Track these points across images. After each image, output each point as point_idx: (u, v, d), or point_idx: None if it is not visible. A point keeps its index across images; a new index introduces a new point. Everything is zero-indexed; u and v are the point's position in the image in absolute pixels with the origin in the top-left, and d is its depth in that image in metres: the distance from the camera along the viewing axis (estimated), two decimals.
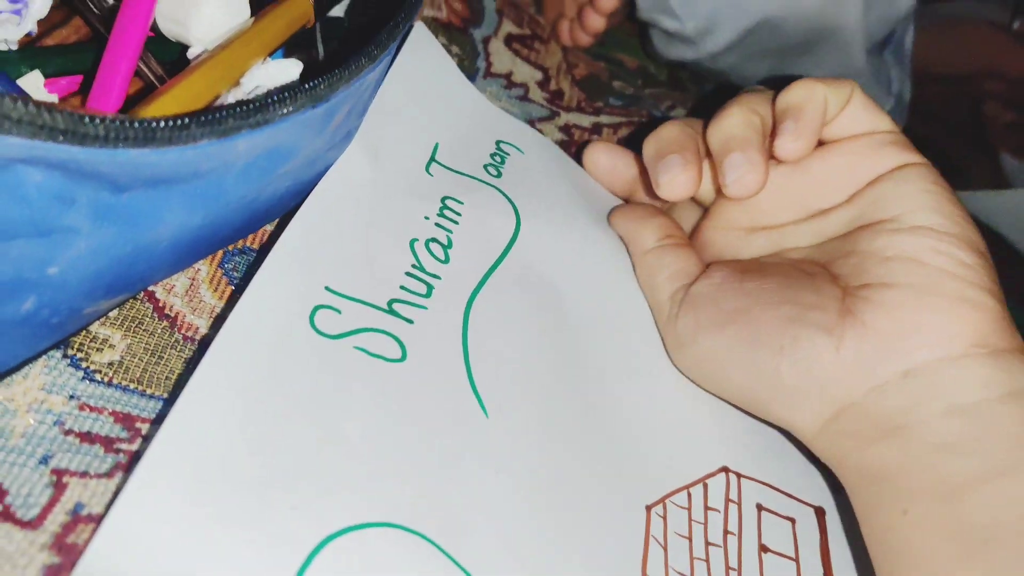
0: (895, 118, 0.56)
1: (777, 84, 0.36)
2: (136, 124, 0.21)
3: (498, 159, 0.40)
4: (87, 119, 0.20)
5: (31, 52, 0.29)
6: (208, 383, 0.25)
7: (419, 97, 0.38)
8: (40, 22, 0.31)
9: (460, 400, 0.30)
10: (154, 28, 0.31)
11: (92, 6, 0.31)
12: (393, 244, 0.33)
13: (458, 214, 0.36)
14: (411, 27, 0.40)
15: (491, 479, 0.29)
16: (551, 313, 0.35)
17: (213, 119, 0.23)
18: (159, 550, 0.22)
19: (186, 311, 0.31)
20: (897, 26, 0.50)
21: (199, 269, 0.32)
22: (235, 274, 0.33)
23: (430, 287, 0.33)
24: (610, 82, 0.56)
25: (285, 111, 0.25)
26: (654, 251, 0.37)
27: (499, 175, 0.39)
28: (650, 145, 0.36)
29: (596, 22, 0.52)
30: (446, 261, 0.34)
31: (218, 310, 0.31)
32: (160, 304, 0.30)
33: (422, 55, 0.40)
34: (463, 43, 0.50)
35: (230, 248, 0.33)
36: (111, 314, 0.29)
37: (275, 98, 0.25)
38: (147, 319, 0.30)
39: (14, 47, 0.29)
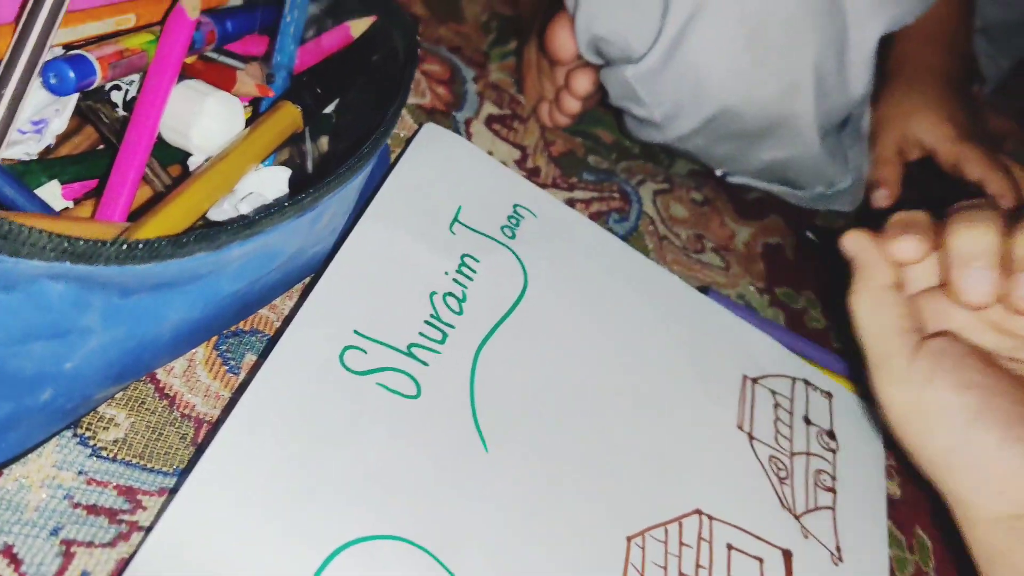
0: (853, 196, 0.59)
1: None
2: (142, 245, 0.25)
3: (514, 221, 0.45)
4: (101, 244, 0.24)
5: (49, 163, 0.33)
6: (249, 409, 0.30)
7: (440, 170, 0.44)
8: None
9: (464, 435, 0.35)
10: (158, 135, 0.35)
11: (103, 117, 0.35)
12: (415, 296, 0.38)
13: (474, 271, 0.41)
14: (388, 141, 0.44)
15: (488, 505, 0.34)
16: (552, 363, 0.40)
17: (208, 235, 0.27)
18: (200, 545, 0.27)
19: (184, 390, 0.34)
20: (853, 109, 0.54)
21: (196, 352, 0.35)
22: (228, 355, 0.36)
23: (445, 335, 0.38)
24: (585, 157, 0.60)
25: (273, 223, 0.29)
26: (891, 289, 0.39)
27: (513, 236, 0.44)
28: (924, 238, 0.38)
29: (572, 105, 0.56)
30: (460, 313, 0.39)
31: (213, 388, 0.35)
32: (160, 385, 0.34)
33: (436, 141, 0.45)
34: (445, 126, 0.54)
35: (224, 332, 0.36)
36: (117, 395, 0.32)
37: (264, 213, 0.28)
38: (148, 399, 0.33)
39: (34, 158, 0.33)
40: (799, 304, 0.60)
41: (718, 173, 0.60)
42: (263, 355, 0.37)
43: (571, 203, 0.55)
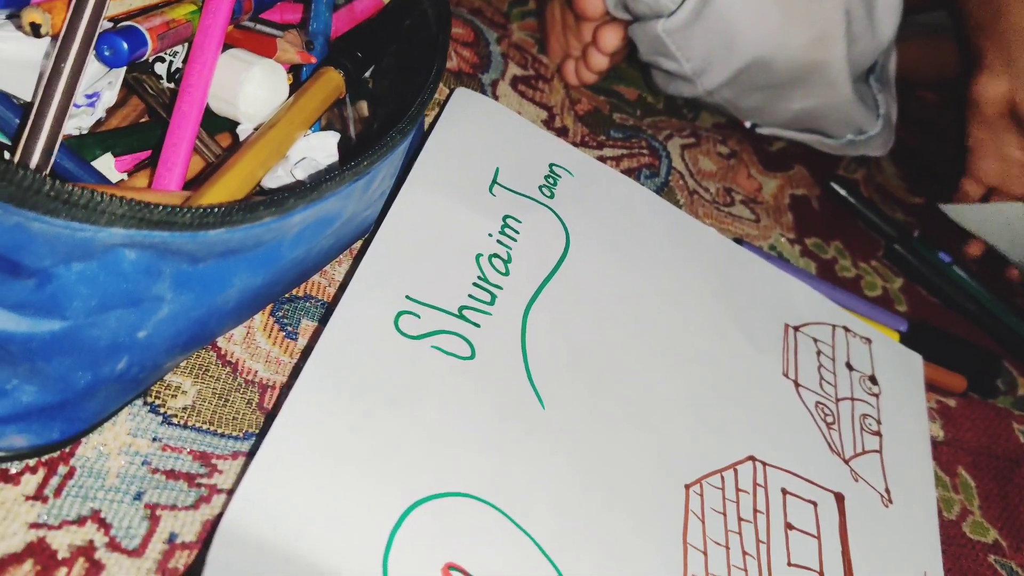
0: (884, 140, 0.59)
1: None
2: (216, 211, 0.25)
3: (551, 181, 0.45)
4: (178, 211, 0.24)
5: (101, 136, 0.33)
6: (314, 376, 0.31)
7: (475, 133, 0.44)
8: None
9: (521, 393, 0.36)
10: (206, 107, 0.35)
11: (149, 88, 0.35)
12: (462, 259, 0.38)
13: (517, 232, 0.41)
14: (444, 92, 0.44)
15: (549, 460, 0.34)
16: (599, 319, 0.41)
17: (277, 201, 0.27)
18: (281, 506, 0.27)
19: (245, 357, 0.34)
20: (881, 55, 0.54)
21: (253, 319, 0.36)
22: (285, 321, 0.36)
23: (493, 296, 0.38)
24: (611, 115, 0.60)
25: (334, 188, 0.29)
26: None
27: (552, 196, 0.44)
28: None
29: (600, 61, 0.56)
30: (507, 274, 0.39)
31: (273, 354, 0.35)
32: (222, 352, 0.34)
33: (469, 105, 0.46)
34: (473, 88, 0.53)
35: (279, 299, 0.37)
36: (182, 364, 0.33)
37: (325, 178, 0.29)
38: (212, 366, 0.33)
39: (85, 132, 0.33)
40: (828, 254, 0.60)
41: (747, 125, 0.60)
42: (321, 321, 0.37)
43: (601, 161, 0.55)
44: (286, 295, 0.37)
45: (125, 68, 0.33)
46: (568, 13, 0.57)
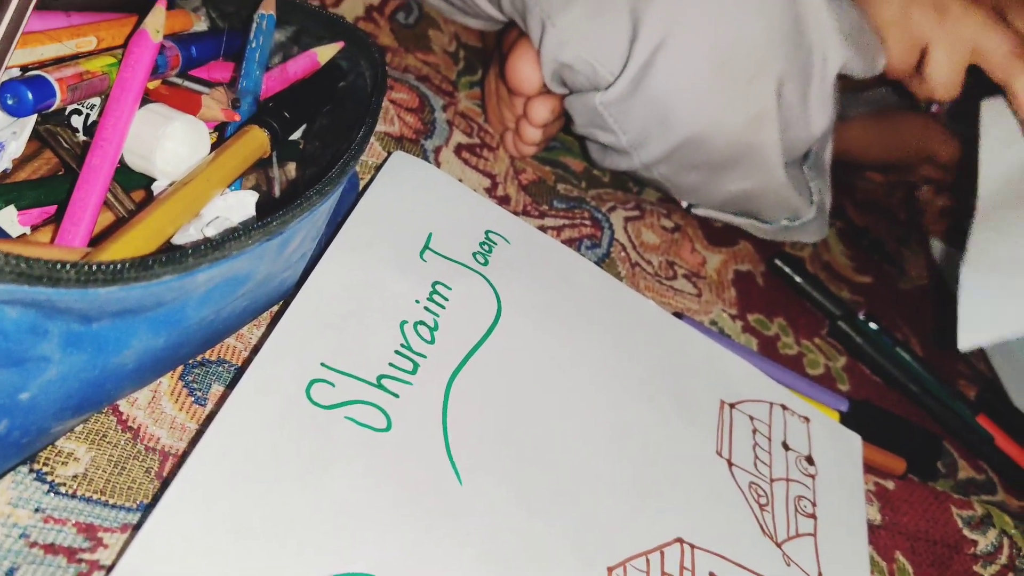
0: (817, 227, 0.59)
1: None
2: (104, 267, 0.24)
3: (486, 248, 0.44)
4: (60, 266, 0.23)
5: (5, 188, 0.32)
6: (215, 444, 0.29)
7: (409, 197, 0.43)
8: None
9: (437, 468, 0.34)
10: (120, 160, 0.34)
11: (63, 141, 0.34)
12: (385, 325, 0.37)
13: (446, 299, 0.40)
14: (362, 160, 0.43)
15: (464, 539, 0.33)
16: (527, 390, 0.40)
17: (175, 259, 0.26)
18: None
19: (148, 422, 0.33)
20: (815, 143, 0.54)
21: (160, 382, 0.34)
22: (195, 385, 0.35)
23: (416, 365, 0.37)
24: (555, 185, 0.60)
25: (241, 247, 0.28)
26: None
27: (486, 263, 0.43)
28: None
29: (532, 134, 0.56)
30: (432, 342, 0.38)
31: (179, 420, 0.33)
32: (123, 417, 0.32)
33: (406, 168, 0.45)
34: (415, 154, 0.53)
35: (190, 362, 0.35)
36: (77, 428, 0.31)
37: (231, 236, 0.27)
38: (111, 431, 0.32)
39: None
40: (771, 330, 0.60)
41: (683, 204, 0.60)
42: (230, 386, 0.35)
43: (543, 231, 0.54)
44: (197, 358, 0.36)
45: (35, 118, 0.32)
46: (502, 85, 0.57)
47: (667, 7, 0.45)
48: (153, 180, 0.34)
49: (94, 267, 0.24)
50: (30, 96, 0.29)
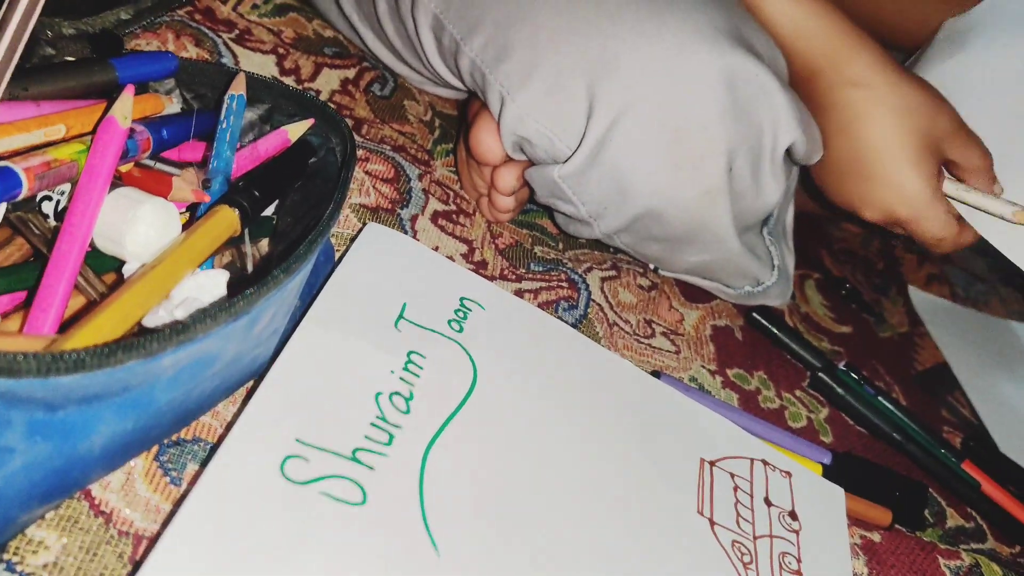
0: (780, 290, 0.60)
1: None
2: (66, 356, 0.24)
3: (461, 315, 0.45)
4: (21, 358, 0.23)
5: None
6: (186, 524, 0.29)
7: (383, 268, 0.44)
8: None
9: (414, 539, 0.34)
10: (92, 244, 0.34)
11: (34, 228, 0.34)
12: (359, 398, 0.37)
13: (421, 368, 0.40)
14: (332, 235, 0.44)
15: None
16: (505, 458, 0.40)
17: (138, 345, 0.26)
18: None
19: (121, 506, 0.33)
20: (769, 212, 0.56)
21: (134, 464, 0.34)
22: (170, 465, 0.35)
23: (391, 436, 0.37)
24: (532, 248, 0.60)
25: (206, 329, 0.28)
26: None
27: (461, 330, 0.44)
28: None
29: (503, 202, 0.57)
30: (407, 412, 0.38)
31: (153, 502, 0.33)
32: (95, 501, 0.32)
33: (379, 240, 0.46)
34: (391, 223, 0.54)
35: (164, 441, 0.35)
36: (47, 515, 0.31)
37: (197, 319, 0.28)
38: (82, 517, 0.32)
39: None
40: (751, 385, 0.60)
41: (651, 267, 0.61)
42: (204, 465, 0.35)
43: (519, 294, 0.55)
44: (172, 437, 0.36)
45: (4, 207, 0.33)
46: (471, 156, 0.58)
47: (622, 86, 0.46)
48: (124, 263, 0.35)
49: (55, 357, 0.24)
50: None
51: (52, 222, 0.35)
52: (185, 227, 0.36)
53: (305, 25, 0.68)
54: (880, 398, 0.63)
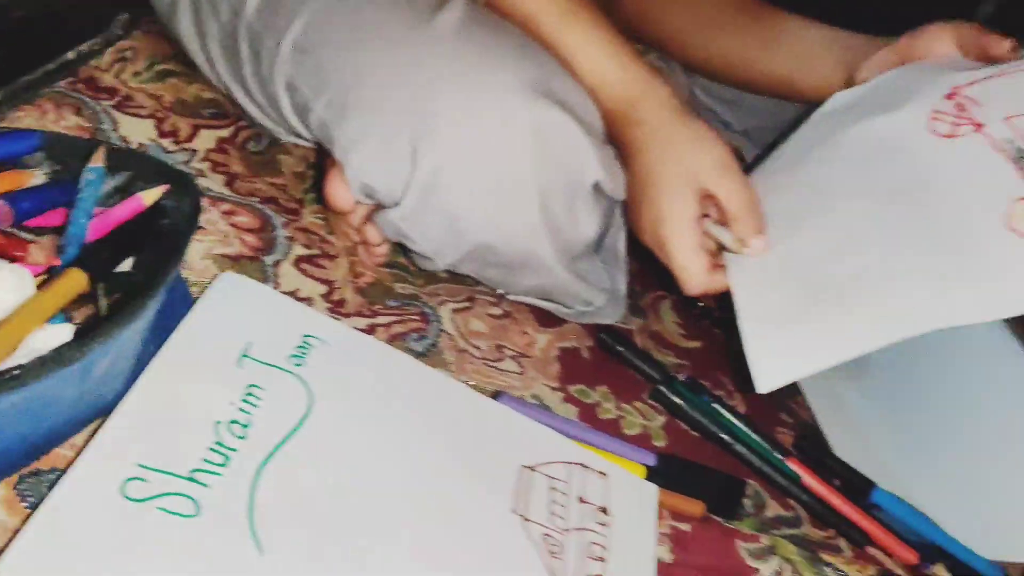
0: (612, 310, 0.69)
1: None
2: None
3: (302, 351, 0.51)
4: None
5: None
6: (29, 544, 0.35)
7: (230, 312, 0.50)
8: None
9: (241, 544, 0.40)
10: None
11: None
12: (199, 426, 0.44)
13: (260, 399, 0.47)
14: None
15: None
16: (335, 474, 0.46)
17: None
18: None
19: None
20: (609, 233, 0.64)
21: None
22: (28, 493, 0.41)
23: (228, 458, 0.43)
24: (392, 285, 0.67)
25: (36, 375, 0.34)
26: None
27: (301, 364, 0.50)
28: None
29: (375, 251, 0.65)
30: (244, 438, 0.44)
31: (12, 527, 0.39)
32: None
33: (230, 287, 0.52)
34: (252, 271, 0.60)
35: (24, 471, 0.41)
36: None
37: (28, 367, 0.34)
38: None
39: None
40: (592, 399, 0.67)
41: (499, 291, 0.68)
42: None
43: (373, 328, 0.61)
44: (31, 467, 0.42)
45: None
46: None
47: (442, 138, 0.54)
48: None
49: None
50: None
51: None
52: (41, 287, 0.42)
53: (185, 89, 0.74)
54: (715, 405, 0.71)
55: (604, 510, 0.54)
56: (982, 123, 0.57)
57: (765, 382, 0.58)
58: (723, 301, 0.62)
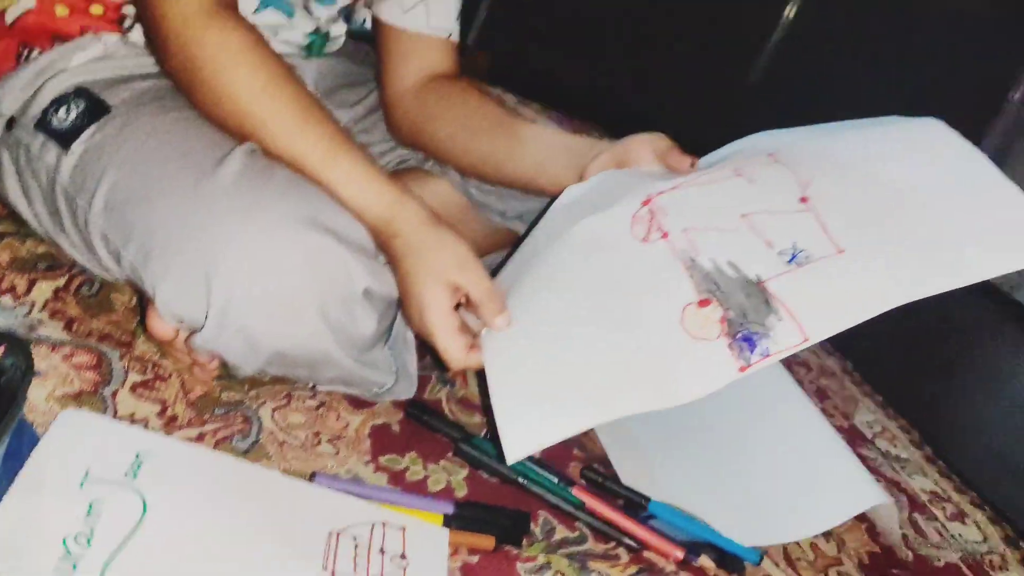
0: (404, 387, 0.84)
1: None
2: None
3: (136, 466, 0.62)
4: None
5: None
6: None
7: (70, 446, 0.61)
8: None
9: None
10: None
11: None
12: (49, 543, 0.54)
13: (100, 512, 0.58)
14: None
15: None
16: (171, 563, 0.57)
17: None
18: None
19: None
20: (396, 322, 0.78)
21: None
22: None
23: (75, 565, 0.54)
24: (220, 395, 0.79)
25: None
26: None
27: (135, 477, 0.61)
28: None
29: (207, 369, 0.77)
30: (89, 546, 0.55)
31: None
32: None
33: (70, 424, 0.63)
34: (94, 403, 0.71)
35: None
36: None
37: None
38: None
39: None
40: (402, 464, 0.81)
41: (310, 385, 0.82)
42: None
43: (202, 436, 0.73)
44: None
45: None
46: None
47: (228, 271, 0.68)
48: None
49: None
50: None
51: None
52: None
53: (19, 247, 0.85)
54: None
55: (403, 556, 0.67)
56: (667, 231, 0.72)
57: (513, 453, 0.71)
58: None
